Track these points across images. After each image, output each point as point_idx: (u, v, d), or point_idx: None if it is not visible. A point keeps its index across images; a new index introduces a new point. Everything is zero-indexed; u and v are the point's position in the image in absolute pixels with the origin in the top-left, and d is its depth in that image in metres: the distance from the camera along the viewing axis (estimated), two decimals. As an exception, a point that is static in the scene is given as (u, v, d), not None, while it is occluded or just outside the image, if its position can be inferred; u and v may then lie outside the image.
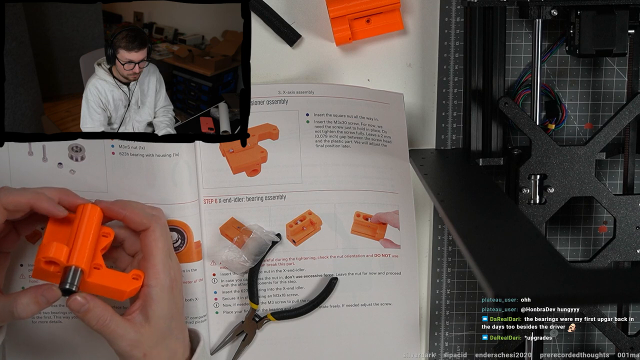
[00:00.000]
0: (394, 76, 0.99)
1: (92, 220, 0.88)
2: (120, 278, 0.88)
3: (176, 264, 0.93)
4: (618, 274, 0.78)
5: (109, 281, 0.88)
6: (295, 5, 0.98)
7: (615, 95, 1.00)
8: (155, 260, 0.89)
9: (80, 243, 0.86)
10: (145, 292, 0.89)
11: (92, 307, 0.86)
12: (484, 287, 0.67)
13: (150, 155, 0.95)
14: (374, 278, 1.01)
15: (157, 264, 0.89)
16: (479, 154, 0.97)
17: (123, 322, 0.87)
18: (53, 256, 0.84)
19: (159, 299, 0.89)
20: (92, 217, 0.88)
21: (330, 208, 1.00)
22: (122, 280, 0.88)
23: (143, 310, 0.89)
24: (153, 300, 0.89)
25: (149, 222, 0.90)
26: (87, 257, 0.86)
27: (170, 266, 0.91)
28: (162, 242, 0.90)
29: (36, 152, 0.96)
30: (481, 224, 0.81)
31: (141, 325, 0.88)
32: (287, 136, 0.98)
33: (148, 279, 0.89)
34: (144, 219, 0.90)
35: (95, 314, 0.86)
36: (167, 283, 0.89)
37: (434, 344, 1.04)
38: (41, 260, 0.85)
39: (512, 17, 0.97)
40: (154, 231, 0.90)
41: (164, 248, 0.90)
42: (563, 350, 1.04)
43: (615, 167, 1.02)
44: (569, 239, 1.03)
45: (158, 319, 0.89)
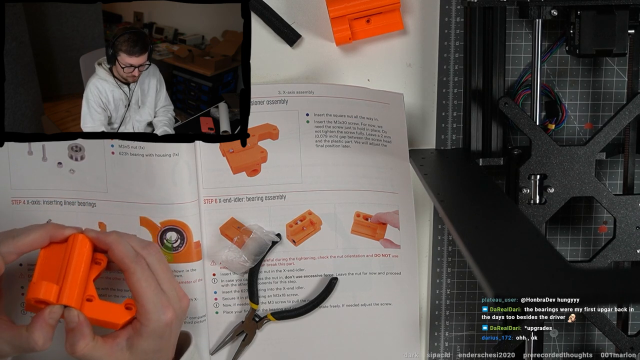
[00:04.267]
0: (394, 76, 0.99)
1: (82, 252, 0.87)
2: (113, 310, 0.87)
3: (176, 298, 0.90)
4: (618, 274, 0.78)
5: (101, 314, 0.86)
6: (295, 5, 0.98)
7: (615, 95, 1.00)
8: (142, 300, 0.86)
9: (70, 279, 0.85)
10: (136, 326, 0.87)
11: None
12: (484, 287, 0.67)
13: (150, 155, 0.95)
14: (374, 278, 1.01)
15: (145, 304, 0.86)
16: (479, 154, 0.97)
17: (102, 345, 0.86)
18: (42, 297, 0.83)
19: (147, 337, 0.86)
20: (82, 248, 0.87)
21: (330, 208, 1.00)
22: (115, 312, 0.87)
23: (130, 339, 0.87)
24: (142, 337, 0.86)
25: (130, 263, 0.87)
26: (77, 293, 0.85)
27: (168, 302, 0.88)
28: (145, 282, 0.87)
29: (36, 151, 0.96)
30: (481, 224, 0.81)
31: (122, 352, 0.86)
32: (287, 136, 0.98)
33: (139, 315, 0.87)
34: (126, 259, 0.87)
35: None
36: (159, 322, 0.87)
37: (434, 344, 1.04)
38: (31, 300, 0.84)
39: (512, 17, 0.97)
40: (133, 273, 0.86)
41: (150, 287, 0.87)
42: (563, 350, 1.04)
43: (615, 167, 1.02)
44: (569, 239, 1.03)
45: (142, 352, 0.87)
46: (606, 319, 0.98)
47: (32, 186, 0.94)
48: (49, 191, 0.96)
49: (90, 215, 0.96)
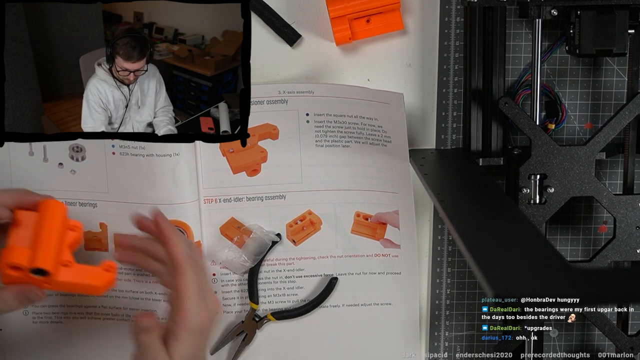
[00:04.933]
0: (394, 76, 0.99)
1: (55, 216, 0.85)
2: (91, 273, 0.85)
3: (212, 305, 0.89)
4: (618, 274, 0.78)
5: (79, 277, 0.85)
6: (295, 5, 0.98)
7: (615, 95, 1.00)
8: (185, 301, 0.86)
9: (43, 243, 0.83)
10: (171, 328, 0.86)
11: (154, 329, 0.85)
12: (484, 287, 0.67)
13: (150, 155, 0.95)
14: (374, 278, 1.01)
15: (186, 304, 0.86)
16: (479, 154, 0.97)
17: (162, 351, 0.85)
18: (15, 261, 0.82)
19: (183, 340, 0.85)
20: (54, 213, 0.85)
21: (330, 208, 1.00)
22: (94, 274, 0.85)
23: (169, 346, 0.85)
24: (177, 340, 0.85)
25: (183, 262, 0.87)
26: (51, 257, 0.83)
27: (204, 308, 0.87)
28: (192, 284, 0.86)
29: (37, 152, 0.96)
30: (481, 224, 0.81)
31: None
32: (287, 136, 0.98)
33: (176, 317, 0.86)
34: (181, 258, 0.87)
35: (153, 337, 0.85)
36: (195, 326, 0.86)
37: (434, 344, 1.04)
38: (5, 266, 0.82)
39: (512, 17, 0.97)
40: (184, 273, 0.86)
41: (195, 289, 0.87)
42: (563, 350, 1.04)
43: (615, 167, 1.02)
44: (569, 239, 1.03)
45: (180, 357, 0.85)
46: (606, 319, 0.98)
47: (33, 187, 0.93)
48: (50, 192, 0.96)
49: (92, 216, 0.96)
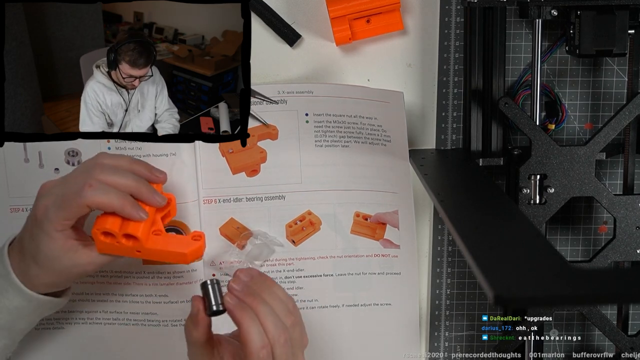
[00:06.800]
0: (394, 76, 0.99)
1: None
2: (180, 241, 0.87)
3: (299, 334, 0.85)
4: (618, 274, 0.78)
5: (168, 245, 0.86)
6: (295, 5, 0.98)
7: (615, 95, 1.00)
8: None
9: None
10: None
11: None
12: (484, 288, 0.67)
13: (147, 155, 0.95)
14: (374, 278, 1.01)
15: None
16: (479, 154, 0.97)
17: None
18: (108, 227, 0.84)
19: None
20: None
21: (329, 208, 1.00)
22: (182, 243, 0.87)
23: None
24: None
25: (253, 352, 0.81)
26: (142, 226, 0.85)
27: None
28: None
29: (32, 158, 0.95)
30: (481, 224, 0.81)
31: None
32: (286, 136, 0.98)
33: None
34: (251, 347, 0.81)
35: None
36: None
37: (434, 344, 1.04)
38: (98, 232, 0.85)
39: (512, 17, 0.97)
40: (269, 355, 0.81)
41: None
42: (563, 350, 1.04)
43: (615, 167, 1.02)
44: (569, 239, 1.03)
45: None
46: (606, 319, 0.98)
47: (30, 194, 0.93)
48: None
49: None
